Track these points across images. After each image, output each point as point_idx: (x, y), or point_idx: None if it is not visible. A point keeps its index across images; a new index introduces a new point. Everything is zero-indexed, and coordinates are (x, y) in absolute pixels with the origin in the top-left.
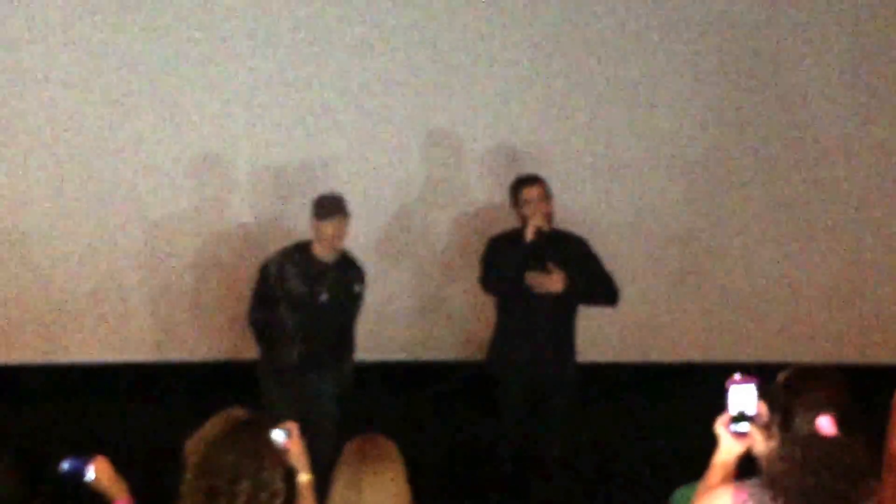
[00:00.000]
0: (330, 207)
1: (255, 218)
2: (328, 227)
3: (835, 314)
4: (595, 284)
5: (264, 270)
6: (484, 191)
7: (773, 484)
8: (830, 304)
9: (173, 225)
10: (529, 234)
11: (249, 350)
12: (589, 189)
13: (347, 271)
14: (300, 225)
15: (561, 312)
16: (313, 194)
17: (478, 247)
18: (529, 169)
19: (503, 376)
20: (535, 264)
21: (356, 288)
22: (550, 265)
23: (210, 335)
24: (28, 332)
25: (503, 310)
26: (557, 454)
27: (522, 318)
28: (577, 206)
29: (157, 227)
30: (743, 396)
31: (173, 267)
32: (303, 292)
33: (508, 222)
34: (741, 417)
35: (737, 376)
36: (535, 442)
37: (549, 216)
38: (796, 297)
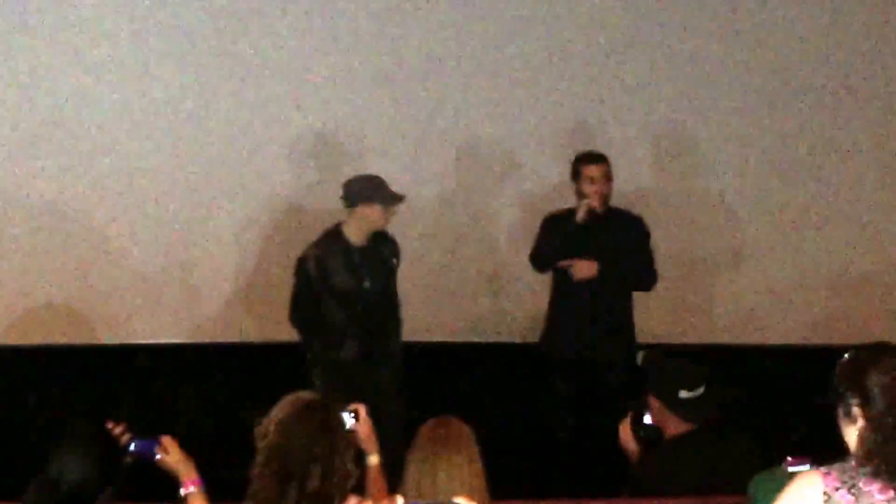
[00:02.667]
0: (378, 191)
1: (293, 199)
2: (375, 213)
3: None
4: (634, 271)
5: (302, 267)
6: (553, 167)
7: (870, 457)
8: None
9: (242, 207)
10: (581, 215)
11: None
12: (646, 169)
13: (382, 247)
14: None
15: (611, 291)
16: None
17: None
18: (595, 146)
19: (554, 357)
20: (583, 245)
21: (393, 261)
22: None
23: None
24: (98, 313)
25: (555, 289)
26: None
27: (572, 298)
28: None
29: (227, 209)
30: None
31: (241, 248)
32: (348, 284)
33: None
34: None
35: (790, 458)
36: (588, 422)
37: (605, 197)
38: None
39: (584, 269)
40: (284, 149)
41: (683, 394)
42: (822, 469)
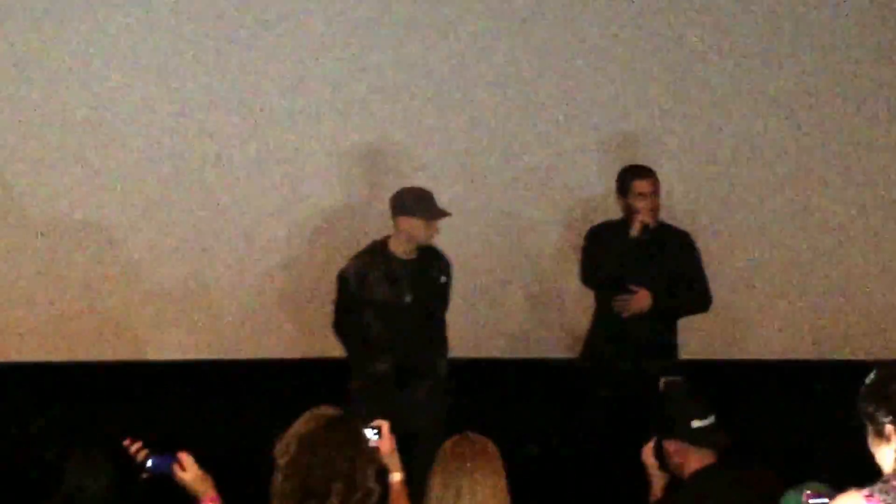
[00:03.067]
0: (429, 204)
1: (346, 213)
2: (419, 227)
3: None
4: (687, 294)
5: (343, 279)
6: (596, 181)
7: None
8: None
9: (264, 221)
10: (636, 231)
11: (338, 348)
12: (692, 185)
13: (431, 264)
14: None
15: (658, 312)
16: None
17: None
18: (640, 160)
19: (594, 374)
20: (638, 261)
21: (442, 279)
22: (633, 287)
23: (301, 332)
24: (119, 329)
25: (601, 305)
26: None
27: (624, 321)
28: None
29: (249, 223)
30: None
31: (263, 263)
32: (387, 296)
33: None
34: None
35: (808, 491)
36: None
37: (656, 212)
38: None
39: (638, 303)
40: (326, 163)
41: (696, 423)
42: (864, 491)
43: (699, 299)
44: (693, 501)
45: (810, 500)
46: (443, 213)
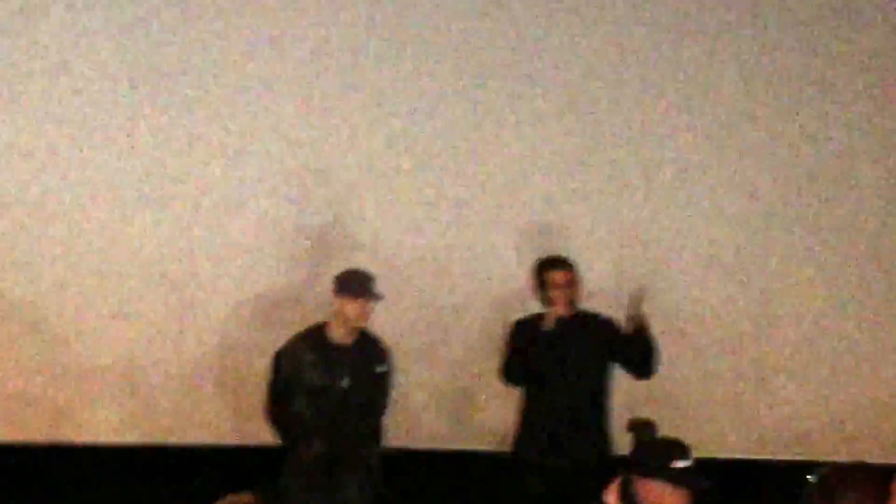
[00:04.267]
0: (357, 285)
1: (285, 295)
2: (353, 308)
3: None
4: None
5: (277, 361)
6: (520, 267)
7: None
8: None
9: (200, 299)
10: (548, 324)
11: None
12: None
13: (369, 351)
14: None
15: (587, 400)
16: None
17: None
18: (558, 246)
19: (527, 461)
20: (554, 353)
21: (379, 368)
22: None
23: (237, 417)
24: (42, 409)
25: (527, 396)
26: None
27: (545, 403)
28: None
29: (181, 300)
30: None
31: (197, 344)
32: (321, 380)
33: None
34: None
35: None
36: None
37: (572, 302)
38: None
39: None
40: (266, 242)
41: (678, 463)
42: None
43: (641, 358)
44: None
45: None
46: (375, 295)
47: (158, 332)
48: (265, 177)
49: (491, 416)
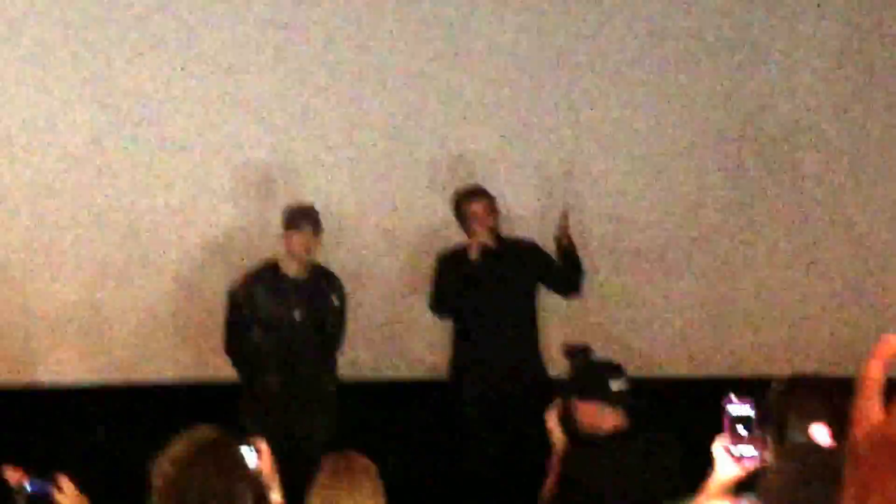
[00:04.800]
0: (300, 217)
1: (241, 231)
2: (298, 239)
3: (840, 326)
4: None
5: (232, 296)
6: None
7: (768, 499)
8: (835, 316)
9: (155, 239)
10: (475, 253)
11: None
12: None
13: (322, 284)
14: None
15: (518, 325)
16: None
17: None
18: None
19: (464, 394)
20: (481, 282)
21: (334, 301)
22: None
23: (190, 353)
24: (3, 350)
25: (456, 328)
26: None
27: (476, 334)
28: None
29: (138, 241)
30: (741, 416)
31: (154, 285)
32: (275, 313)
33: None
34: (739, 439)
35: (733, 396)
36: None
37: (494, 231)
38: (795, 308)
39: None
40: (220, 183)
41: (614, 384)
42: (732, 499)
43: (565, 277)
44: (611, 457)
45: (730, 405)
46: (299, 224)
47: (118, 274)
48: (212, 116)
49: (427, 346)
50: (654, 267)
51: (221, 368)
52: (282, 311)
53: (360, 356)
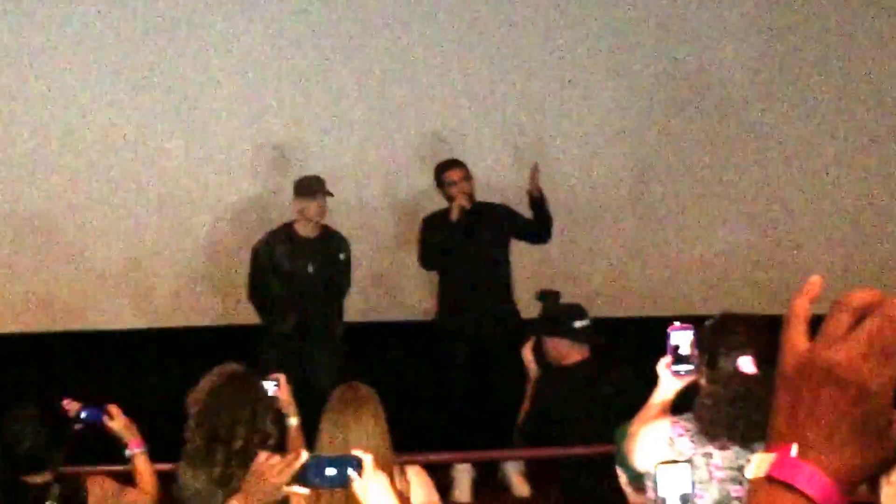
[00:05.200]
0: (311, 187)
1: (258, 199)
2: (310, 205)
3: (762, 271)
4: (526, 224)
5: (255, 253)
6: (420, 176)
7: (700, 416)
8: (757, 263)
9: (187, 206)
10: (455, 214)
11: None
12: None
13: (330, 242)
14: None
15: (494, 274)
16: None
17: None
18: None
19: (449, 329)
20: (463, 238)
21: (341, 256)
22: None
23: (218, 302)
24: (60, 302)
25: (442, 277)
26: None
27: (459, 282)
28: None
29: (173, 208)
30: (681, 340)
31: (185, 244)
32: (290, 267)
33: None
34: (680, 359)
35: (676, 323)
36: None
37: (470, 195)
38: (727, 256)
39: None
40: (247, 156)
41: (577, 324)
42: (672, 417)
43: (535, 227)
44: (577, 384)
45: (674, 331)
46: (310, 193)
47: (158, 237)
48: (237, 103)
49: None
50: (608, 220)
51: (244, 315)
52: (297, 266)
53: (364, 302)
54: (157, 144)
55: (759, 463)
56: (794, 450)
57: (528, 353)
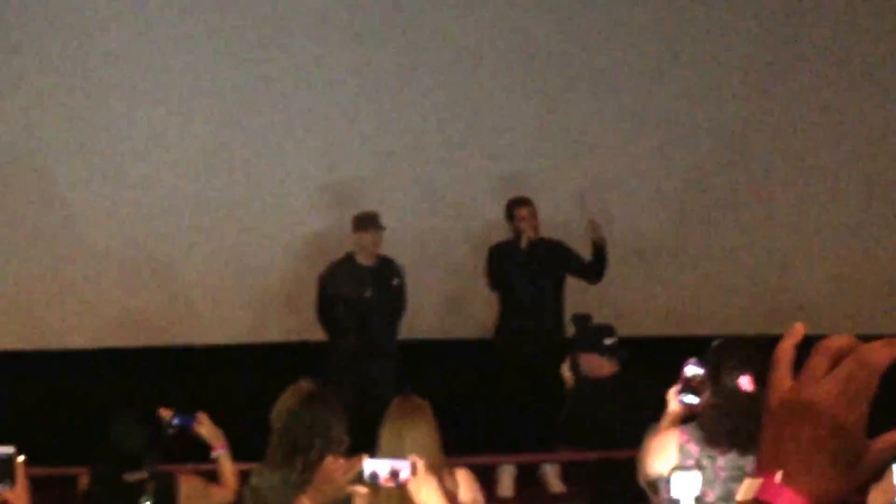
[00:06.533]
0: (367, 221)
1: (328, 235)
2: (367, 237)
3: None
4: (583, 265)
5: (321, 280)
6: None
7: (703, 427)
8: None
9: (265, 238)
10: (524, 243)
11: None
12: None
13: (386, 270)
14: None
15: (549, 300)
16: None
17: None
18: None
19: (504, 351)
20: (528, 265)
21: (395, 281)
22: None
23: (293, 320)
24: (155, 319)
25: (503, 300)
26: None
27: (522, 308)
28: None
29: (251, 239)
30: (693, 374)
31: (264, 265)
32: (352, 293)
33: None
34: (688, 389)
35: (692, 360)
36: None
37: (536, 229)
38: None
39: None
40: (313, 196)
41: (607, 341)
42: (680, 427)
43: (589, 268)
44: (607, 394)
45: (689, 367)
46: (366, 227)
47: (238, 264)
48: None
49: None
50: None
51: (315, 333)
52: (357, 291)
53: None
54: (240, 176)
55: (747, 487)
56: (779, 476)
57: (565, 369)
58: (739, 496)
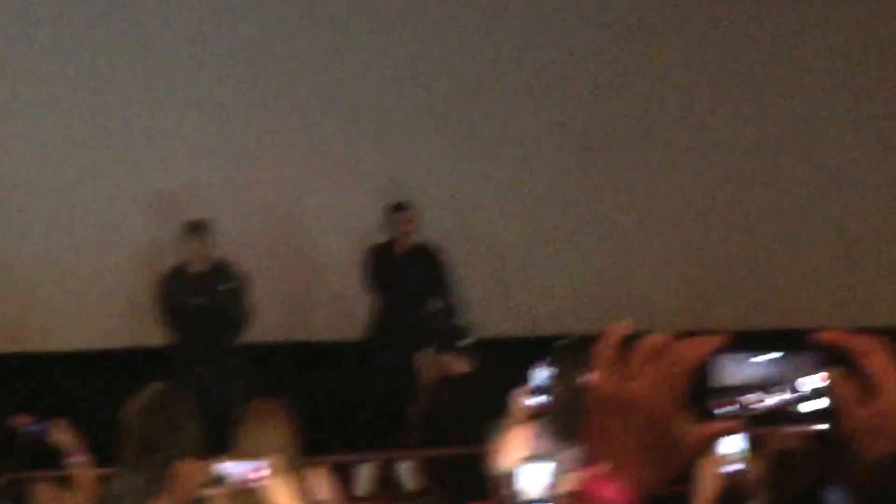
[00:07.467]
0: (193, 228)
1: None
2: (193, 244)
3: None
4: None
5: (154, 289)
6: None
7: (553, 422)
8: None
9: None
10: (401, 249)
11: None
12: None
13: (217, 275)
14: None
15: (424, 304)
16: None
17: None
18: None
19: (382, 353)
20: (404, 269)
21: (225, 286)
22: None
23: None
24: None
25: (378, 301)
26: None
27: (395, 307)
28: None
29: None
30: (541, 375)
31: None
32: (177, 301)
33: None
34: (535, 391)
35: (539, 361)
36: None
37: (412, 234)
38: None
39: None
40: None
41: (462, 342)
42: (532, 422)
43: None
44: (462, 392)
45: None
46: (202, 234)
47: (81, 259)
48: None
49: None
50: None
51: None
52: (183, 299)
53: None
54: (88, 183)
55: (575, 478)
56: (604, 468)
57: (422, 368)
58: (568, 486)
